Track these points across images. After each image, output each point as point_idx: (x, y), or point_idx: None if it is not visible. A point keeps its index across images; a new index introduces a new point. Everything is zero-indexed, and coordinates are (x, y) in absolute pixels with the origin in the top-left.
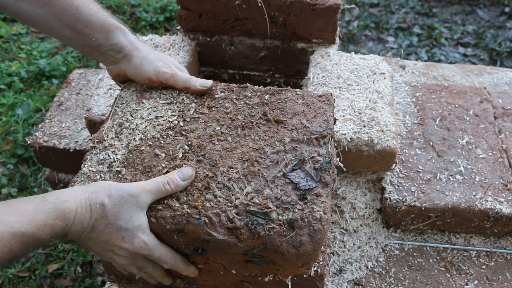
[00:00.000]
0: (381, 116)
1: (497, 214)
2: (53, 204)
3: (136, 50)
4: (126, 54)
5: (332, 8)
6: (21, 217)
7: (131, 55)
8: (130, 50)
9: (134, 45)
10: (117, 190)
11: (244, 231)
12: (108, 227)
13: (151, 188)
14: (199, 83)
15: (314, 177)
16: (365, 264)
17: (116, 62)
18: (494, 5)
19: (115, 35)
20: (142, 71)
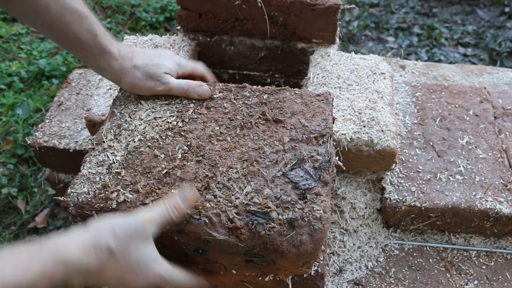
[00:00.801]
0: (381, 116)
1: (497, 214)
2: (51, 252)
3: (124, 75)
4: (115, 79)
5: (332, 8)
6: (14, 269)
7: (121, 80)
8: (119, 76)
9: (122, 70)
10: (121, 228)
11: (244, 231)
12: (118, 270)
13: (156, 219)
14: (198, 94)
15: (313, 176)
16: (365, 264)
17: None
18: (494, 5)
19: (102, 60)
20: (137, 92)
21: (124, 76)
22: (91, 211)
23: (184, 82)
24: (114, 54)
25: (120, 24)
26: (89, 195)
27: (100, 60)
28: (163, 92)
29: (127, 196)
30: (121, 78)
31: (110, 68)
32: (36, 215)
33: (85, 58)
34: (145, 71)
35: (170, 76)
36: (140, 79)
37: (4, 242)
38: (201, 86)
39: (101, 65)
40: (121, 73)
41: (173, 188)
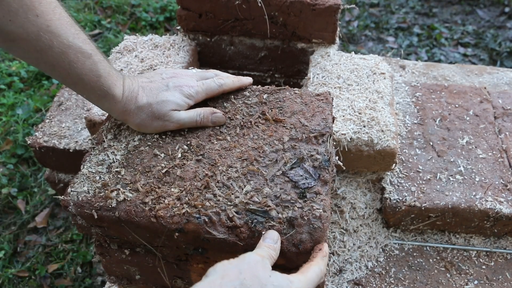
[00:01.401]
0: (381, 116)
1: (497, 214)
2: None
3: (129, 117)
4: (122, 119)
5: (332, 8)
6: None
7: (127, 121)
8: (124, 117)
9: (126, 112)
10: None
11: (244, 229)
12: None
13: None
14: (212, 122)
15: (313, 175)
16: (365, 264)
17: None
18: (494, 5)
19: (105, 103)
20: (147, 132)
21: (129, 118)
22: (91, 210)
23: (195, 114)
24: (117, 96)
25: (120, 24)
26: (89, 194)
27: (103, 102)
28: (176, 128)
29: (127, 195)
30: (127, 119)
31: (114, 110)
32: (36, 215)
33: (90, 99)
34: (150, 112)
35: (178, 112)
36: (146, 120)
37: (4, 242)
38: (215, 114)
39: (104, 106)
40: (126, 115)
41: (173, 187)
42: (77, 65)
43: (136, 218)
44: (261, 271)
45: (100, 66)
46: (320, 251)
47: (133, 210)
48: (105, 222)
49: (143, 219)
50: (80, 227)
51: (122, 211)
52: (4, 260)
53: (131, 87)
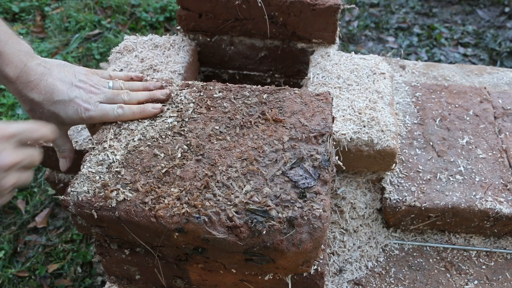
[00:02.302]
0: (381, 116)
1: (497, 214)
2: None
3: (21, 99)
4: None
5: (332, 8)
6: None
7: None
8: (18, 98)
9: (19, 96)
10: None
11: (243, 229)
12: None
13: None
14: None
15: (313, 175)
16: (365, 264)
17: None
18: (494, 5)
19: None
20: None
21: (21, 102)
22: (90, 210)
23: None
24: (9, 77)
25: (120, 24)
26: (89, 194)
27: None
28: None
29: (127, 195)
30: (21, 101)
31: (9, 90)
32: (36, 215)
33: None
34: (38, 109)
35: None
36: (33, 114)
37: (4, 242)
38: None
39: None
40: (19, 98)
41: (173, 187)
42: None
43: (136, 218)
44: None
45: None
46: None
47: (133, 210)
48: (105, 222)
49: (143, 219)
50: (80, 227)
51: (122, 211)
52: (4, 260)
53: (30, 73)
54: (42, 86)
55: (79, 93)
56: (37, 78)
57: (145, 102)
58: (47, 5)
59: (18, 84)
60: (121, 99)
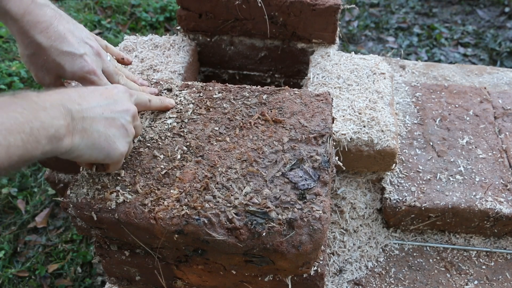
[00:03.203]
0: (381, 116)
1: (497, 214)
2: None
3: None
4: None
5: (332, 8)
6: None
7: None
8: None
9: (20, 37)
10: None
11: (243, 231)
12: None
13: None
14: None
15: (312, 176)
16: (365, 264)
17: None
18: (494, 5)
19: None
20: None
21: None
22: (90, 211)
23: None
24: (11, 13)
25: (120, 24)
26: (89, 196)
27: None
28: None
29: (126, 196)
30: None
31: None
32: (36, 215)
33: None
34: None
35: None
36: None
37: (4, 242)
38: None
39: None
40: (18, 41)
41: (172, 188)
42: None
43: (135, 219)
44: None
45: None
46: None
47: (133, 211)
48: (105, 224)
49: (143, 220)
50: (80, 228)
51: (121, 213)
52: (4, 260)
53: (39, 12)
54: (52, 31)
55: (89, 51)
56: (47, 20)
57: None
58: None
59: (25, 23)
60: (118, 80)
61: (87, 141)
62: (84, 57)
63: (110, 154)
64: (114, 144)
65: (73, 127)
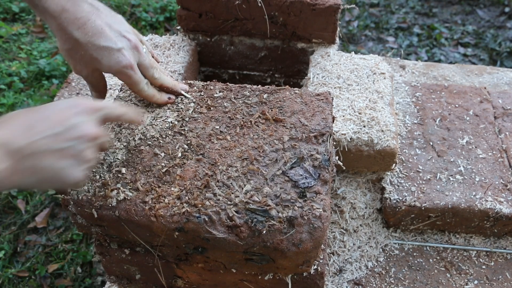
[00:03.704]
0: (381, 116)
1: (497, 214)
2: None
3: (60, 39)
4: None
5: (332, 8)
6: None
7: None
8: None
9: (60, 33)
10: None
11: (244, 229)
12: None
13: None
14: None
15: (313, 175)
16: (365, 264)
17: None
18: (494, 5)
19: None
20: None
21: (59, 41)
22: (91, 209)
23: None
24: (50, 10)
25: None
26: (89, 193)
27: (37, 12)
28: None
29: (127, 194)
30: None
31: (49, 26)
32: (36, 215)
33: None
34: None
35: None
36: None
37: (4, 242)
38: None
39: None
40: (58, 36)
41: (173, 186)
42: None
43: (136, 217)
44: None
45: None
46: None
47: (133, 209)
48: (105, 221)
49: (143, 218)
50: (80, 226)
51: (122, 210)
52: (4, 260)
53: (77, 8)
54: (89, 27)
55: (126, 45)
56: (84, 16)
57: (166, 89)
58: None
59: (63, 20)
60: (152, 74)
61: (35, 177)
62: (122, 51)
63: (64, 183)
64: (66, 175)
65: (17, 167)
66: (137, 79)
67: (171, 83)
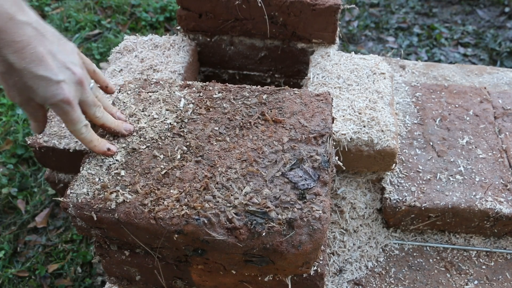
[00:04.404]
0: (381, 116)
1: (497, 214)
2: None
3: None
4: None
5: (332, 8)
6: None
7: None
8: None
9: None
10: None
11: (243, 231)
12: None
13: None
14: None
15: (312, 176)
16: (365, 264)
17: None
18: (494, 5)
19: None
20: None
21: None
22: (90, 211)
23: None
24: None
25: (120, 24)
26: (89, 196)
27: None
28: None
29: (126, 196)
30: None
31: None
32: (36, 215)
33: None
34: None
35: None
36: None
37: (4, 242)
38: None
39: None
40: None
41: (172, 188)
42: None
43: (135, 219)
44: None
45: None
46: None
47: (132, 211)
48: (105, 223)
49: (142, 220)
50: (80, 228)
51: (121, 213)
52: (4, 260)
53: (17, 31)
54: (28, 53)
55: (68, 78)
56: (25, 40)
57: (108, 129)
58: (47, 5)
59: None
60: (94, 112)
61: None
62: (61, 84)
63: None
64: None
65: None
66: (75, 117)
67: (114, 124)
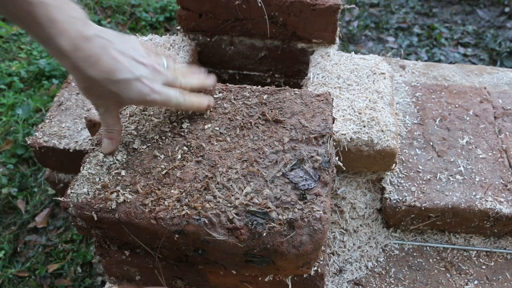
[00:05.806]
0: (381, 116)
1: (497, 214)
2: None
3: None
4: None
5: (332, 8)
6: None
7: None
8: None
9: (75, 70)
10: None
11: (244, 231)
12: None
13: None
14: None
15: (313, 177)
16: (365, 264)
17: None
18: (494, 5)
19: (50, 51)
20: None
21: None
22: (90, 211)
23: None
24: (62, 49)
25: (120, 24)
26: (89, 196)
27: (49, 50)
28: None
29: (127, 196)
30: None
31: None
32: (36, 215)
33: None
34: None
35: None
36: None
37: (4, 242)
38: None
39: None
40: (74, 72)
41: (173, 188)
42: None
43: (136, 219)
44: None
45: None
46: None
47: (133, 211)
48: (105, 223)
49: (143, 220)
50: (80, 228)
51: (121, 213)
52: (4, 260)
53: (89, 46)
54: (103, 62)
55: (144, 71)
56: (98, 52)
57: (197, 88)
58: None
59: (75, 59)
60: (179, 83)
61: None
62: (141, 79)
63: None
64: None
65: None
66: (166, 98)
67: (197, 83)
